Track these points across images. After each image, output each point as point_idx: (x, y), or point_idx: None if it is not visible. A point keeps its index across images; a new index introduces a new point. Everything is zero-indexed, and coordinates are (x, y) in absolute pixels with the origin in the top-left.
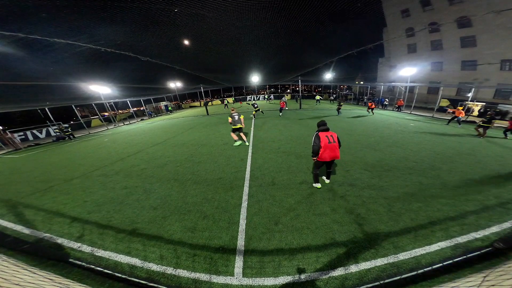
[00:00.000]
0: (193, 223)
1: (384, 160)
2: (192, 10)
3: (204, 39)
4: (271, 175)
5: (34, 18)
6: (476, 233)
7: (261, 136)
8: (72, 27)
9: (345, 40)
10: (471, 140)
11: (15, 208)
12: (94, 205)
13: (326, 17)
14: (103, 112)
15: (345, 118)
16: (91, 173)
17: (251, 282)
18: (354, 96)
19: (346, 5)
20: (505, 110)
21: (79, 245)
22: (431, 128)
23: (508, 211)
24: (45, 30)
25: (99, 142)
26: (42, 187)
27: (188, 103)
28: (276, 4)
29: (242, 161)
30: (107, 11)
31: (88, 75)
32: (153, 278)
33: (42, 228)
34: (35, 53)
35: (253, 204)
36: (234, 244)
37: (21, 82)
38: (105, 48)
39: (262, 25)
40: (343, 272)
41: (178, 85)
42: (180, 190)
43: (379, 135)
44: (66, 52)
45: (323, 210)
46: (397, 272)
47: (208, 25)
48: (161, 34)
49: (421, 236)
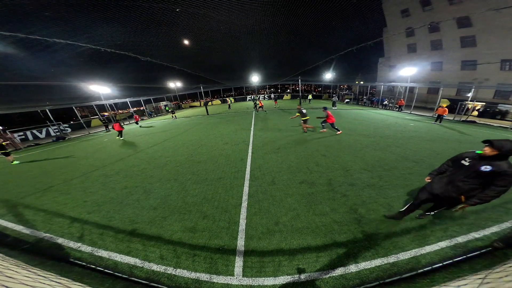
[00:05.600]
0: (193, 223)
1: (384, 160)
2: (194, 10)
3: (206, 39)
4: (271, 175)
5: (35, 18)
6: (476, 233)
7: (261, 136)
8: (73, 27)
9: (345, 38)
10: (471, 140)
11: (15, 208)
12: (94, 205)
13: (326, 16)
14: (103, 112)
15: (345, 118)
16: (91, 173)
17: (251, 282)
18: (354, 96)
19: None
20: (505, 110)
21: (79, 245)
22: (431, 128)
23: (508, 211)
24: (45, 30)
25: (99, 142)
26: (42, 187)
27: (188, 103)
28: (277, 3)
29: (242, 161)
30: (108, 11)
31: (88, 75)
32: (153, 278)
33: (42, 228)
34: (35, 53)
35: (253, 204)
36: (234, 244)
37: (21, 82)
38: (105, 48)
39: (263, 24)
40: (343, 272)
41: (178, 85)
42: (180, 190)
43: (379, 135)
44: (66, 52)
45: (323, 210)
46: (397, 272)
47: (210, 24)
48: (162, 34)
49: (421, 236)
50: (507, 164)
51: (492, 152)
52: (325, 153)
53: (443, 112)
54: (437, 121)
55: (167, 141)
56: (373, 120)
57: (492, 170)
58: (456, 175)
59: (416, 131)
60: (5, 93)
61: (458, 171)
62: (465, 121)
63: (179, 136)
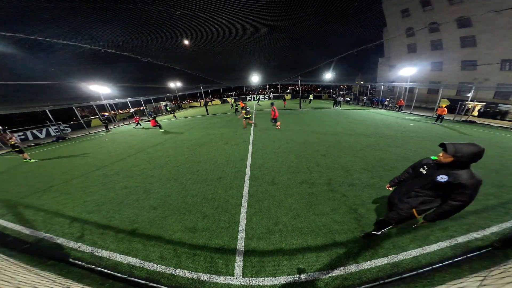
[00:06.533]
0: (193, 223)
1: (384, 160)
2: (194, 13)
3: (205, 41)
4: (271, 175)
5: (35, 19)
6: (476, 233)
7: (261, 136)
8: (73, 28)
9: (345, 40)
10: (472, 140)
11: (15, 208)
12: (94, 205)
13: (326, 18)
14: (103, 112)
15: (345, 118)
16: (91, 173)
17: (251, 282)
18: (354, 96)
19: (345, 6)
20: (505, 110)
21: (79, 245)
22: (431, 128)
23: (508, 211)
24: (46, 31)
25: (99, 142)
26: (42, 187)
27: (188, 103)
28: (277, 6)
29: (242, 161)
30: (108, 13)
31: (88, 75)
32: (153, 278)
33: (42, 228)
34: (36, 54)
35: (253, 204)
36: (234, 244)
37: (21, 82)
38: (105, 49)
39: (263, 27)
40: (343, 272)
41: (178, 85)
42: (180, 190)
43: (379, 135)
44: (66, 52)
45: (323, 210)
46: (397, 272)
47: (210, 27)
48: (162, 36)
49: (421, 236)
50: (467, 174)
51: (447, 159)
52: (325, 153)
53: (442, 112)
54: (437, 121)
55: (167, 141)
56: (373, 120)
57: (448, 181)
58: (413, 185)
59: (416, 131)
60: (5, 93)
61: (415, 180)
62: (465, 121)
63: (179, 136)
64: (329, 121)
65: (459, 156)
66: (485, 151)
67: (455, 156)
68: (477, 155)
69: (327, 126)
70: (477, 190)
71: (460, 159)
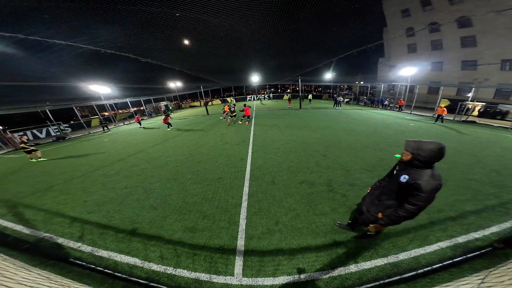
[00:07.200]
0: (193, 223)
1: (384, 160)
2: (193, 15)
3: (205, 42)
4: (271, 175)
5: (35, 19)
6: (476, 233)
7: (261, 135)
8: (73, 29)
9: (345, 40)
10: (472, 140)
11: (15, 208)
12: (94, 205)
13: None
14: (103, 112)
15: (345, 118)
16: (91, 173)
17: (251, 282)
18: (354, 96)
19: (346, 7)
20: (505, 110)
21: (79, 245)
22: (431, 128)
23: (508, 211)
24: (46, 31)
25: (99, 142)
26: (42, 187)
27: (188, 103)
28: (278, 7)
29: (242, 160)
30: (108, 14)
31: (88, 75)
32: (153, 278)
33: (42, 228)
34: (36, 54)
35: (253, 204)
36: (234, 244)
37: (21, 82)
38: (105, 49)
39: (263, 29)
40: (343, 272)
41: (178, 85)
42: (180, 190)
43: (379, 135)
44: (66, 53)
45: (323, 210)
46: (397, 272)
47: (210, 29)
48: (162, 37)
49: (421, 236)
50: (428, 175)
51: (407, 156)
52: (325, 153)
53: (441, 112)
54: (437, 121)
55: (167, 141)
56: (373, 120)
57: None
58: (385, 187)
59: (416, 131)
60: (5, 93)
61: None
62: (465, 121)
63: (179, 136)
64: (329, 121)
65: (416, 154)
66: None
67: (413, 153)
68: (437, 152)
69: (327, 126)
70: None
71: (418, 157)
